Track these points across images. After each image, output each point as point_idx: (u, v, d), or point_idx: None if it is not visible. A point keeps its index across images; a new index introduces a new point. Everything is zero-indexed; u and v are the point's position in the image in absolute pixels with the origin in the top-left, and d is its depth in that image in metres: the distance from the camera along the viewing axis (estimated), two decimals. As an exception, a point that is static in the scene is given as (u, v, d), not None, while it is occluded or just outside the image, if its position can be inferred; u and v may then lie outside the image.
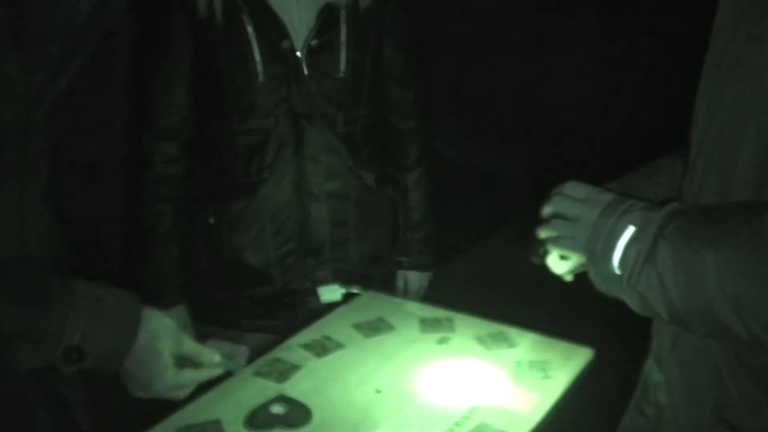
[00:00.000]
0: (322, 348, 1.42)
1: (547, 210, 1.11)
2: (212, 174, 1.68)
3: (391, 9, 1.72)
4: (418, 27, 1.88)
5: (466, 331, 1.46)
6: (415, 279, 1.89)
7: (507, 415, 1.21)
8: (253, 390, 1.26)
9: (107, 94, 1.75)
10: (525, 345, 1.42)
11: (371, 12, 1.66)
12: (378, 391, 1.27)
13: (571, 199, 1.08)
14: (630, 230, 0.99)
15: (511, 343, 1.43)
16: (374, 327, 1.49)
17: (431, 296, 1.87)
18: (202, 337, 1.68)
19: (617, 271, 0.98)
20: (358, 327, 1.49)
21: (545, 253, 1.14)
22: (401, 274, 1.89)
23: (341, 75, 1.64)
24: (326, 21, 1.60)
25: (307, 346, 1.41)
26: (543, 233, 1.11)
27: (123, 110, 1.77)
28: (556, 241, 1.09)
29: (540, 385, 1.30)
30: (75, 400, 1.11)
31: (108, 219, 1.82)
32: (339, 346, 1.43)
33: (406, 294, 1.87)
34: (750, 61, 0.98)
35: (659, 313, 0.97)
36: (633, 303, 0.99)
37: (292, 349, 1.40)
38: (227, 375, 1.21)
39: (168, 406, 1.17)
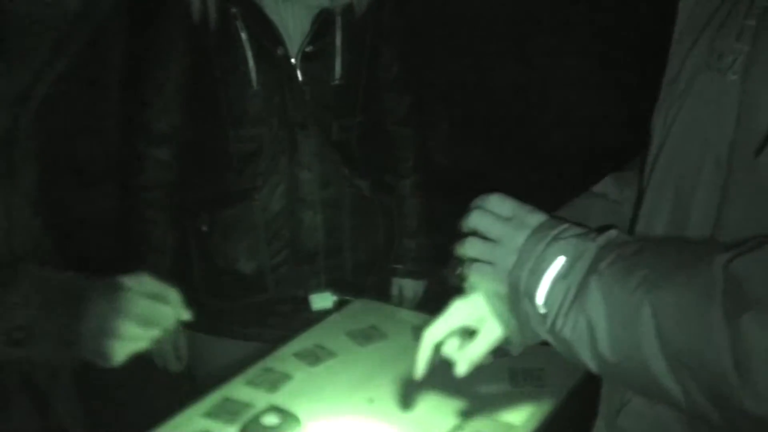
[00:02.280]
0: (315, 357, 1.40)
1: (466, 225, 0.96)
2: (206, 181, 1.67)
3: (388, 14, 1.71)
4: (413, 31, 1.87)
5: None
6: (410, 287, 1.87)
7: (500, 425, 1.20)
8: (245, 399, 1.24)
9: (96, 99, 1.74)
10: (520, 353, 1.40)
11: (367, 17, 1.64)
12: (371, 401, 1.26)
13: (494, 216, 0.93)
14: (559, 261, 0.84)
15: (505, 351, 1.41)
16: (367, 335, 1.47)
17: (426, 304, 1.85)
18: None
19: (542, 311, 0.85)
20: (351, 335, 1.48)
21: (463, 275, 0.98)
22: (396, 282, 1.87)
23: (336, 82, 1.62)
24: (321, 27, 1.59)
25: (299, 355, 1.39)
26: (460, 251, 0.96)
27: (114, 115, 1.76)
28: (473, 265, 0.94)
29: (534, 394, 1.28)
30: (67, 407, 1.09)
31: (97, 223, 1.80)
32: (331, 354, 1.41)
33: (401, 302, 1.86)
34: (706, 82, 0.87)
35: (586, 363, 0.83)
36: (558, 347, 0.86)
37: (284, 359, 1.38)
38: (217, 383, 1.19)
39: (159, 416, 1.15)
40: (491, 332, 1.07)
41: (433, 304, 1.23)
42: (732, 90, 0.83)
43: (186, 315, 1.00)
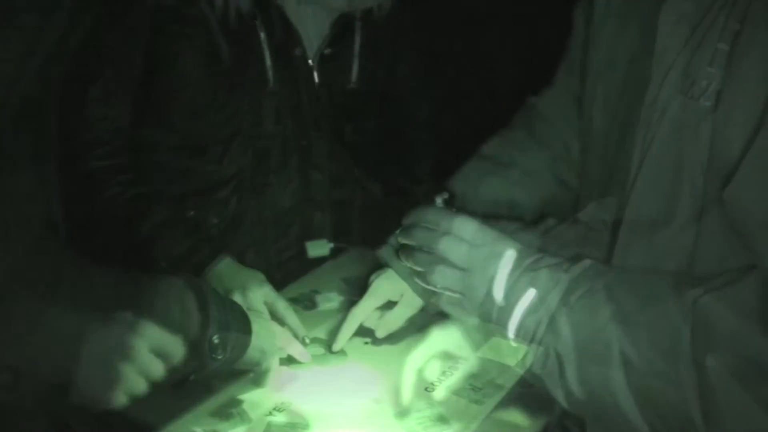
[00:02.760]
0: (311, 302, 1.41)
1: (404, 240, 0.96)
2: (218, 176, 1.58)
3: (408, 19, 1.68)
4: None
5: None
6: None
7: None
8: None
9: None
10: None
11: (388, 22, 1.62)
12: (366, 342, 1.27)
13: (462, 242, 0.90)
14: (530, 294, 0.83)
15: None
16: (363, 282, 1.48)
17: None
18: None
19: (512, 344, 0.85)
20: (347, 281, 1.49)
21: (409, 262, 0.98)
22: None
23: (352, 85, 1.61)
24: (340, 30, 1.57)
25: (295, 300, 1.40)
26: (408, 264, 0.97)
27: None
28: (444, 296, 0.93)
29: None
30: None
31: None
32: (327, 299, 1.42)
33: None
34: (680, 108, 0.84)
35: (556, 398, 0.83)
36: (529, 380, 0.86)
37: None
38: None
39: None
40: (409, 303, 1.22)
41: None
42: (706, 118, 0.80)
43: None
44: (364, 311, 1.24)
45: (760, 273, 0.73)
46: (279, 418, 1.08)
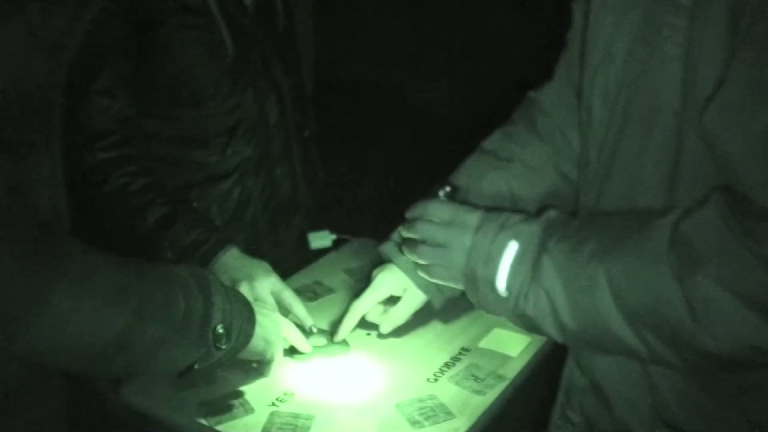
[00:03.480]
0: (313, 293, 1.42)
1: (408, 234, 1.05)
2: (221, 167, 1.56)
3: None
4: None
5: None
6: None
7: (496, 356, 1.22)
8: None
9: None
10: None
11: None
12: (368, 334, 1.28)
13: (436, 224, 1.01)
14: (513, 247, 0.91)
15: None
16: (365, 273, 1.48)
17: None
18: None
19: (504, 295, 0.92)
20: (349, 272, 1.49)
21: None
22: None
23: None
24: None
25: (298, 291, 1.40)
26: (411, 257, 1.06)
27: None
28: (429, 270, 1.02)
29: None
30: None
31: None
32: (330, 290, 1.43)
33: None
34: (647, 59, 0.89)
35: (551, 335, 0.90)
36: (522, 325, 0.93)
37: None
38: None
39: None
40: (413, 298, 1.23)
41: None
42: (673, 61, 0.85)
43: None
44: (366, 303, 1.24)
45: (722, 193, 0.80)
46: (282, 409, 1.09)
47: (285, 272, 1.49)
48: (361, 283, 1.43)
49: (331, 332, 1.27)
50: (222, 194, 1.54)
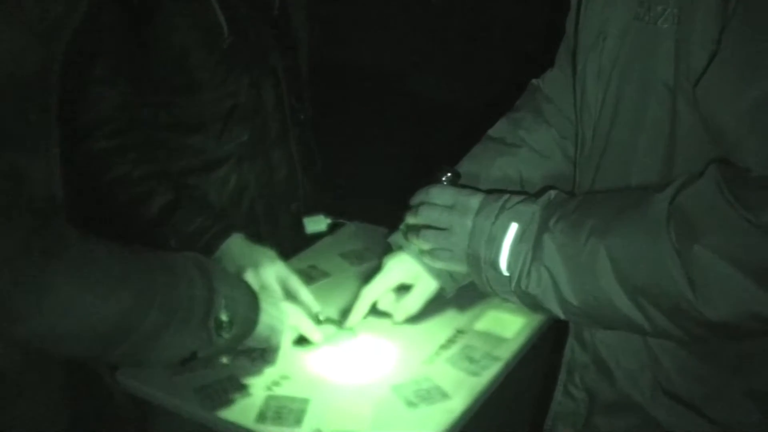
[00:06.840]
0: (309, 277, 1.42)
1: (412, 221, 1.07)
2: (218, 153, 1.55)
3: None
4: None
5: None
6: None
7: (491, 338, 1.22)
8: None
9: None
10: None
11: None
12: (364, 318, 1.28)
13: (439, 207, 1.03)
14: (513, 228, 0.94)
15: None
16: (360, 256, 1.49)
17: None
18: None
19: (506, 274, 0.94)
20: (344, 256, 1.49)
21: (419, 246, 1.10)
22: None
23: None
24: None
25: (293, 276, 1.41)
26: (415, 243, 1.08)
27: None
28: (432, 254, 1.05)
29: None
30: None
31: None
32: (325, 274, 1.43)
33: None
34: (639, 37, 0.91)
35: (553, 312, 0.92)
36: (524, 303, 0.95)
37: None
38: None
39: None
40: (426, 286, 1.23)
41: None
42: (666, 38, 0.87)
43: None
44: (377, 290, 1.24)
45: (717, 165, 0.81)
46: (278, 392, 1.10)
47: (281, 256, 1.49)
48: (357, 267, 1.45)
49: (340, 320, 1.26)
50: (219, 180, 1.54)
